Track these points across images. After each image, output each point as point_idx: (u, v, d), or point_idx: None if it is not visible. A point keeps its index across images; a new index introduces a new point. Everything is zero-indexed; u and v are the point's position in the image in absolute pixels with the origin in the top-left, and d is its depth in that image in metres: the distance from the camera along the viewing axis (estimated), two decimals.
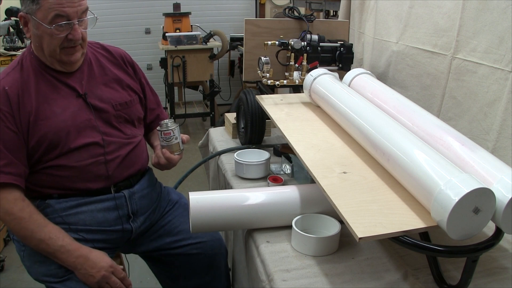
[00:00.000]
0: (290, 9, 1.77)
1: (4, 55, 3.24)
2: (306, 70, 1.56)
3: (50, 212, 1.24)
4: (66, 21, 1.15)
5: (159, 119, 1.49)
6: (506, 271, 0.96)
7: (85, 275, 1.19)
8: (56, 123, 1.20)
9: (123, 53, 1.43)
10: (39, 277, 1.24)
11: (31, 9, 1.13)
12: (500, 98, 1.22)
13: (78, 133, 1.23)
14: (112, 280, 1.21)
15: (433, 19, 1.48)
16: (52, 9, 1.12)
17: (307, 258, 1.01)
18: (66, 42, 1.18)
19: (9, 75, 1.20)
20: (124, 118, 1.34)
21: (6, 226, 1.21)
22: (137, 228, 1.35)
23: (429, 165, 0.86)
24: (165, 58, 4.11)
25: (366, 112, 1.11)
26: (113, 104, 1.31)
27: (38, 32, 1.16)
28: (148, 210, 1.39)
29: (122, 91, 1.36)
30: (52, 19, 1.13)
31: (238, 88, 5.04)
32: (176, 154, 1.32)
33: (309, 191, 1.14)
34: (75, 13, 1.15)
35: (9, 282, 2.21)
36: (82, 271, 1.19)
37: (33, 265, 1.25)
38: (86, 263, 1.19)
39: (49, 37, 1.16)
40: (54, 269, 1.21)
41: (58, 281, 1.21)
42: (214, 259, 1.44)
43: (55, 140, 1.20)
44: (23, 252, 1.27)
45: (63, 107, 1.22)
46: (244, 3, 5.07)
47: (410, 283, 0.93)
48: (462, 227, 0.80)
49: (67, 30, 1.16)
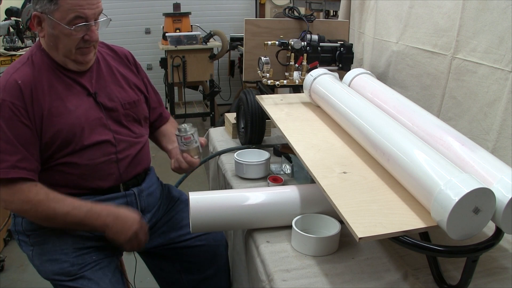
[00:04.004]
0: (290, 9, 1.77)
1: (4, 55, 3.24)
2: (306, 70, 1.56)
3: None
4: (85, 23, 1.16)
5: (161, 118, 1.51)
6: (506, 271, 0.96)
7: (117, 233, 1.20)
8: (71, 119, 1.21)
9: (127, 52, 1.44)
10: (49, 276, 1.23)
11: (48, 8, 1.14)
12: (500, 98, 1.22)
13: (91, 130, 1.24)
14: (141, 235, 1.23)
15: (433, 19, 1.48)
16: (72, 10, 1.13)
17: (307, 258, 1.01)
18: (82, 43, 1.20)
19: (20, 69, 1.19)
20: (132, 117, 1.35)
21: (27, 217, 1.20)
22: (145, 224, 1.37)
23: (429, 165, 0.86)
24: (165, 58, 4.10)
25: (366, 112, 1.11)
26: (122, 103, 1.32)
27: (54, 32, 1.17)
28: (154, 207, 1.41)
29: (130, 90, 1.37)
30: (71, 20, 1.14)
31: (238, 88, 5.03)
32: (196, 158, 1.32)
33: (309, 191, 1.14)
34: (93, 15, 1.17)
35: (9, 282, 2.21)
36: (113, 229, 1.19)
37: (43, 264, 1.24)
38: (117, 220, 1.20)
39: (66, 37, 1.17)
40: (67, 267, 1.21)
41: (70, 279, 1.20)
42: (217, 249, 1.46)
43: (69, 136, 1.20)
44: (31, 251, 1.27)
45: (76, 105, 1.23)
46: (244, 3, 5.06)
47: (410, 283, 0.93)
48: (462, 227, 0.80)
49: (84, 31, 1.18)
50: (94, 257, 1.25)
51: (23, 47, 3.43)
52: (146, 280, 1.90)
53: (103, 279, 1.22)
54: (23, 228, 1.27)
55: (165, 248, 1.44)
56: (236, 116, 1.73)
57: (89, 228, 1.20)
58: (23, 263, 2.33)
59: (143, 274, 1.66)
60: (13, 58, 3.23)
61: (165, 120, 1.53)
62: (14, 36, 3.41)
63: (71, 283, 1.20)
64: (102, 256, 1.26)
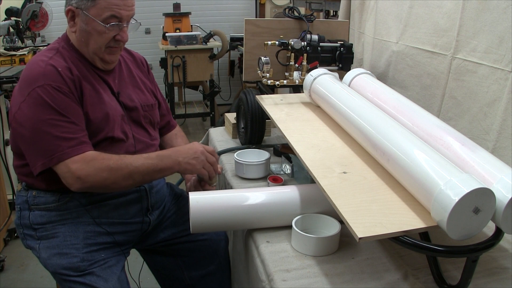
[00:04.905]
0: (290, 9, 1.77)
1: (4, 55, 3.24)
2: (306, 70, 1.56)
3: (73, 206, 1.25)
4: (119, 22, 1.19)
5: (169, 126, 1.55)
6: (506, 271, 0.96)
7: (188, 162, 1.22)
8: (106, 109, 1.24)
9: (142, 58, 1.50)
10: (57, 270, 1.22)
11: (85, 4, 1.17)
12: (500, 98, 1.22)
13: (118, 125, 1.27)
14: (209, 156, 1.25)
15: (433, 19, 1.48)
16: (108, 8, 1.17)
17: (307, 258, 1.01)
18: (112, 42, 1.23)
19: (54, 59, 1.20)
20: (149, 120, 1.39)
21: (107, 185, 1.19)
22: (154, 221, 1.39)
23: (429, 165, 0.86)
24: (165, 58, 4.10)
25: (366, 112, 1.11)
26: (142, 105, 1.36)
27: (87, 28, 1.19)
28: (162, 204, 1.44)
29: (147, 94, 1.41)
30: (106, 18, 1.18)
31: (238, 88, 5.04)
32: (214, 185, 1.36)
33: (309, 191, 1.14)
34: (127, 16, 1.22)
35: (9, 282, 2.21)
36: (185, 159, 1.22)
37: (51, 257, 1.23)
38: (183, 152, 1.23)
39: (98, 34, 1.20)
40: (76, 262, 1.21)
41: (79, 275, 1.20)
42: (219, 244, 1.47)
43: (102, 124, 1.23)
44: (38, 244, 1.26)
45: (108, 98, 1.27)
46: (244, 3, 5.07)
47: (410, 283, 0.93)
48: (462, 227, 0.80)
49: (117, 31, 1.21)
50: (103, 254, 1.25)
51: (23, 47, 3.43)
52: (146, 280, 1.90)
53: (111, 277, 1.22)
54: (31, 222, 1.27)
55: (167, 243, 1.45)
56: (236, 116, 1.73)
57: (164, 171, 1.22)
58: (23, 263, 2.33)
59: (143, 274, 1.67)
60: (13, 58, 3.23)
61: (172, 128, 1.56)
62: (14, 36, 3.41)
63: (80, 278, 1.20)
64: (110, 254, 1.27)
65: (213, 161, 1.26)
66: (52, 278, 1.32)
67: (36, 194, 1.26)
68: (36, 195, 1.26)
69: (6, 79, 2.62)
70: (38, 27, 3.61)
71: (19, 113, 1.16)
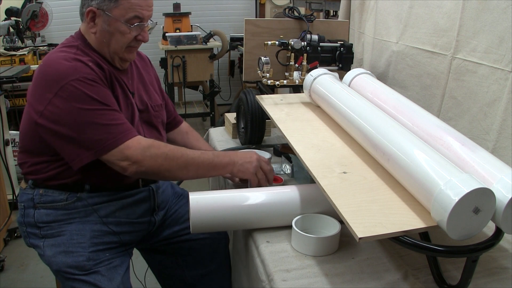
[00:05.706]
0: (290, 9, 1.77)
1: (4, 55, 3.24)
2: (306, 70, 1.56)
3: (81, 205, 1.25)
4: (141, 23, 1.21)
5: (175, 121, 1.57)
6: (506, 271, 0.96)
7: (243, 165, 1.22)
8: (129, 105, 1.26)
9: (148, 58, 1.51)
10: (61, 268, 1.21)
11: (107, 5, 1.17)
12: (500, 98, 1.22)
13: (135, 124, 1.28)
14: (264, 165, 1.24)
15: (433, 19, 1.48)
16: (131, 9, 1.18)
17: (307, 258, 1.01)
18: (133, 42, 1.24)
19: (79, 54, 1.20)
20: (161, 120, 1.41)
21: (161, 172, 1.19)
22: (159, 221, 1.40)
23: (429, 165, 0.86)
24: (165, 58, 4.11)
25: (366, 112, 1.11)
26: (152, 105, 1.37)
27: (109, 28, 1.20)
28: (167, 205, 1.45)
29: (156, 94, 1.43)
30: (129, 18, 1.19)
31: (238, 88, 5.04)
32: None
33: (309, 191, 1.14)
34: (148, 16, 1.24)
35: (9, 282, 2.21)
36: (239, 161, 1.22)
37: (56, 255, 1.22)
38: (239, 154, 1.25)
39: (121, 35, 1.21)
40: (82, 261, 1.20)
41: (84, 273, 1.20)
42: (219, 243, 1.48)
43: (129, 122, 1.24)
44: (42, 242, 1.25)
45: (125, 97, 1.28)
46: (244, 3, 5.06)
47: (410, 283, 0.93)
48: (462, 227, 0.80)
49: (138, 31, 1.23)
50: (108, 254, 1.25)
51: (23, 47, 3.43)
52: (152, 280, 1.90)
53: (116, 277, 1.23)
54: (35, 220, 1.26)
55: (168, 242, 1.46)
56: (236, 116, 1.73)
57: (218, 169, 1.22)
58: (23, 263, 2.34)
59: (149, 274, 1.67)
60: (13, 58, 3.24)
61: (178, 124, 1.59)
62: (14, 36, 3.41)
63: (84, 277, 1.20)
64: (115, 254, 1.27)
65: (268, 170, 1.25)
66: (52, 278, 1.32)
67: (44, 192, 1.26)
68: (43, 193, 1.25)
69: (6, 79, 2.61)
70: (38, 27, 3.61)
71: (50, 109, 1.13)
